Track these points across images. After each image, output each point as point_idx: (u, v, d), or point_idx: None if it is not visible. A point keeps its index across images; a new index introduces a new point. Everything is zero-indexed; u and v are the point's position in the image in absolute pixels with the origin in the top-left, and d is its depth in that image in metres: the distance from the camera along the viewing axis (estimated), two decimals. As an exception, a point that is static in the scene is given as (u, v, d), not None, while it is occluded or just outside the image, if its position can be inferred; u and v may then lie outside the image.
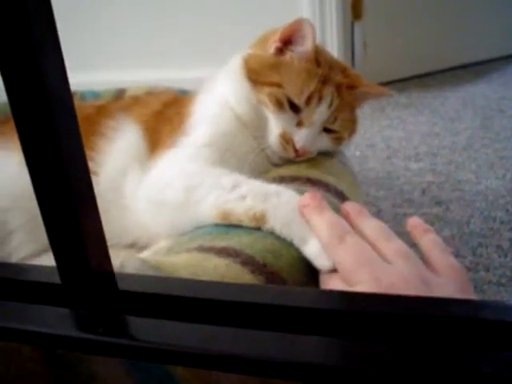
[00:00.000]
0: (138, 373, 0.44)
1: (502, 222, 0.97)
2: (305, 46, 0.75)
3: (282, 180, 0.73)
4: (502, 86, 1.86)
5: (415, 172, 1.22)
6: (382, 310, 0.33)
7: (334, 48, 1.76)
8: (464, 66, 2.12)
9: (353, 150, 1.35)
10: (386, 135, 1.47)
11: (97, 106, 0.93)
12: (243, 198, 0.63)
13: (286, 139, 0.74)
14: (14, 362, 0.41)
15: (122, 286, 0.36)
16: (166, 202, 0.70)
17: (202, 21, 1.86)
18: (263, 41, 0.81)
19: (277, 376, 0.31)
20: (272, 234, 0.59)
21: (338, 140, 0.80)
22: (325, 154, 0.82)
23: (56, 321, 0.34)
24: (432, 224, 0.98)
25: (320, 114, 0.74)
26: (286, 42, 0.77)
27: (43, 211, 0.32)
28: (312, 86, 0.74)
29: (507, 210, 1.01)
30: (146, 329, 0.34)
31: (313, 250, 0.55)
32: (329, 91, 0.74)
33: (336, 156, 0.84)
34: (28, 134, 0.31)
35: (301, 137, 0.74)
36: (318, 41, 0.79)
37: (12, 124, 0.93)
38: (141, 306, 0.35)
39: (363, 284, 0.45)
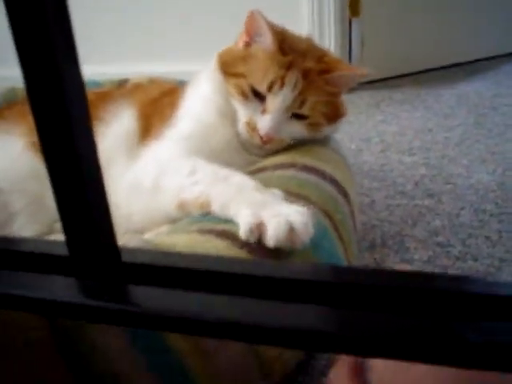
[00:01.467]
0: (138, 343, 0.46)
1: (491, 215, 1.00)
2: (264, 37, 0.78)
3: (277, 167, 0.75)
4: (495, 84, 1.88)
5: (408, 165, 1.24)
6: (374, 283, 0.35)
7: (331, 45, 1.79)
8: (459, 65, 2.15)
9: (348, 143, 1.38)
10: (381, 130, 1.49)
11: (98, 92, 0.96)
12: (195, 183, 0.66)
13: (251, 127, 0.77)
14: (20, 332, 0.43)
15: (126, 258, 0.37)
16: (140, 188, 0.73)
17: (203, 16, 1.88)
18: (238, 37, 0.84)
19: (272, 342, 0.33)
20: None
21: (314, 126, 0.81)
22: (318, 143, 0.84)
23: (63, 289, 0.36)
24: (423, 215, 1.01)
25: (283, 99, 0.76)
26: (251, 36, 0.80)
27: (54, 186, 0.34)
28: (273, 73, 0.76)
29: (497, 204, 1.04)
30: (145, 296, 0.35)
31: (240, 219, 0.56)
32: (293, 76, 0.76)
33: (330, 145, 0.86)
34: (41, 111, 0.32)
35: (264, 123, 0.76)
36: (316, 37, 0.82)
37: (15, 110, 0.95)
38: (143, 276, 0.37)
39: None
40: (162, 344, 0.47)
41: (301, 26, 1.73)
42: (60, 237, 0.82)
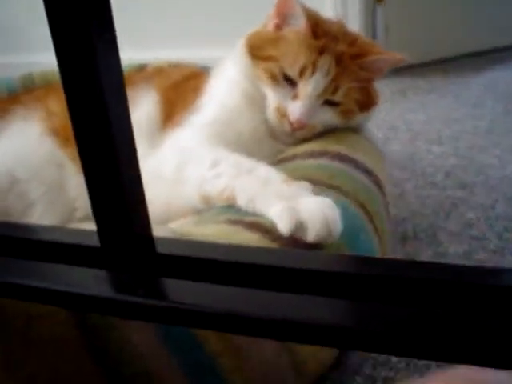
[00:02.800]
0: (171, 342, 0.43)
1: (527, 207, 0.95)
2: (298, 19, 0.75)
3: (309, 155, 0.71)
4: (524, 72, 1.83)
5: (438, 155, 1.20)
6: (390, 274, 0.32)
7: (355, 31, 1.74)
8: (485, 52, 2.09)
9: (375, 131, 1.33)
10: (408, 118, 1.45)
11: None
12: (219, 176, 0.63)
13: (281, 113, 0.74)
14: (46, 327, 0.41)
15: (161, 249, 0.35)
16: (162, 177, 0.70)
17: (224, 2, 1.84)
18: (267, 19, 0.80)
19: (308, 340, 0.31)
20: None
21: (346, 113, 0.78)
22: (351, 131, 0.81)
23: (95, 282, 0.33)
24: (456, 207, 0.97)
25: (315, 84, 0.73)
26: (283, 18, 0.76)
27: (87, 173, 0.32)
28: (305, 57, 0.72)
29: (533, 195, 0.99)
30: (182, 291, 0.33)
31: (274, 214, 0.54)
32: (325, 61, 0.73)
33: (362, 133, 0.83)
34: (76, 99, 0.29)
35: (295, 109, 0.73)
36: None
37: (33, 95, 0.92)
38: (178, 269, 0.34)
39: None
40: (195, 342, 0.44)
41: (324, 12, 1.68)
42: (80, 226, 0.80)
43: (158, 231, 0.55)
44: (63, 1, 0.27)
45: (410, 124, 1.41)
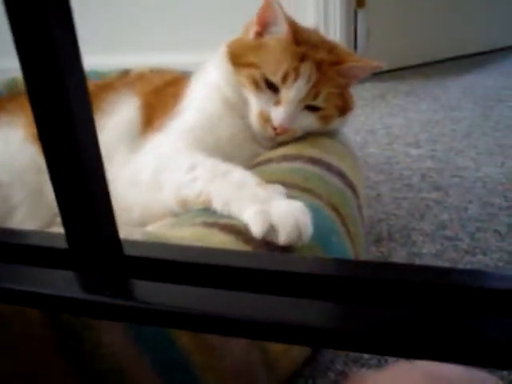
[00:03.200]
0: (142, 341, 0.45)
1: (500, 208, 0.98)
2: (280, 27, 0.77)
3: (284, 158, 0.73)
4: (502, 76, 1.86)
5: (415, 158, 1.22)
6: (388, 277, 0.34)
7: (336, 36, 1.77)
8: (465, 56, 2.13)
9: (353, 135, 1.36)
10: (387, 122, 1.48)
11: (99, 82, 0.94)
12: (194, 180, 0.65)
13: (264, 118, 0.76)
14: (18, 326, 0.42)
15: (128, 251, 0.36)
16: (140, 182, 0.72)
17: (205, 7, 1.85)
18: (247, 27, 0.82)
19: (276, 338, 0.32)
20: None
21: (326, 118, 0.80)
22: (325, 135, 0.82)
23: (63, 283, 0.35)
24: (431, 209, 0.99)
25: (297, 90, 0.75)
26: (263, 26, 0.78)
27: (52, 175, 0.33)
28: (287, 64, 0.74)
29: (506, 197, 1.02)
30: (150, 292, 0.34)
31: (247, 217, 0.55)
32: (307, 68, 0.75)
33: (337, 137, 0.85)
34: (39, 100, 0.31)
35: (278, 114, 0.75)
36: (321, 28, 0.80)
37: (16, 101, 0.93)
38: (145, 270, 0.36)
39: None
40: (167, 341, 0.46)
41: (306, 16, 1.71)
42: (61, 230, 0.81)
43: (133, 233, 0.57)
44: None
45: (389, 127, 1.43)
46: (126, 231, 0.51)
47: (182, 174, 0.67)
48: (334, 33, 1.76)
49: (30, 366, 0.43)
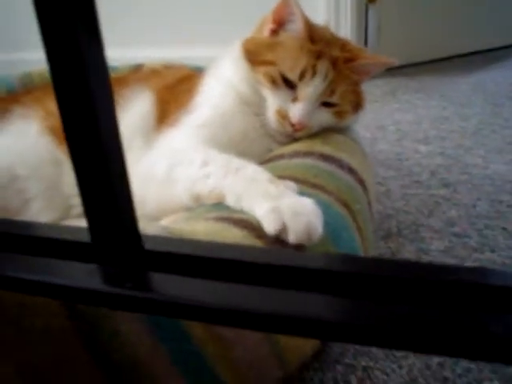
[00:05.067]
0: (160, 331, 0.46)
1: (508, 206, 0.99)
2: (296, 25, 0.78)
3: (295, 154, 0.74)
4: (512, 73, 1.86)
5: (424, 154, 1.23)
6: (394, 274, 0.35)
7: (347, 31, 1.77)
8: (475, 53, 2.12)
9: (363, 131, 1.36)
10: (397, 118, 1.48)
11: (114, 76, 0.95)
12: (208, 176, 0.66)
13: (282, 115, 0.77)
14: (39, 316, 0.44)
15: (148, 245, 0.37)
16: (154, 177, 0.73)
17: (218, 2, 1.86)
18: (261, 24, 0.83)
19: (289, 331, 0.33)
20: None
21: (341, 114, 0.81)
22: (337, 132, 0.83)
23: (85, 275, 0.36)
24: (439, 205, 1.00)
25: (315, 87, 0.76)
26: (279, 23, 0.79)
27: (77, 171, 0.34)
28: (305, 61, 0.75)
29: (514, 194, 1.02)
30: (168, 284, 0.35)
31: (260, 213, 0.56)
32: (323, 65, 0.76)
33: (348, 134, 0.86)
34: (65, 96, 0.32)
35: (296, 111, 0.76)
36: (332, 23, 0.81)
37: (31, 95, 0.95)
38: (164, 264, 0.37)
39: None
40: (181, 331, 0.47)
41: (317, 11, 1.71)
42: (76, 222, 0.82)
43: (149, 228, 0.58)
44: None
45: (399, 124, 1.44)
46: (141, 225, 0.52)
47: (195, 170, 0.68)
48: (345, 29, 1.76)
49: (47, 354, 0.44)
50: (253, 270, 0.36)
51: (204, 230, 0.58)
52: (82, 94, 0.32)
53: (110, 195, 0.34)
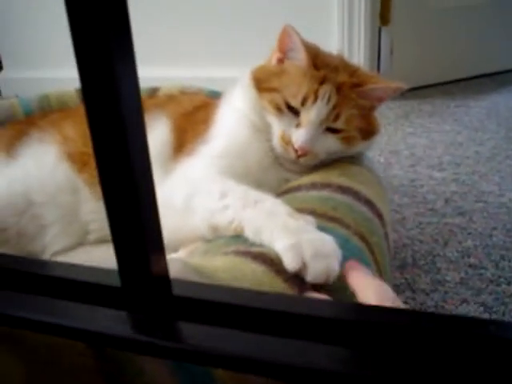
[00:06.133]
0: (182, 372, 0.46)
1: (524, 236, 0.98)
2: (298, 52, 0.78)
3: (313, 186, 0.74)
4: (526, 96, 1.86)
5: (439, 181, 1.23)
6: (401, 322, 0.35)
7: (360, 53, 1.77)
8: (488, 75, 2.12)
9: (377, 155, 1.36)
10: (410, 142, 1.48)
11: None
12: (226, 207, 0.66)
13: (285, 140, 0.77)
14: (66, 356, 0.44)
15: (177, 291, 0.38)
16: (170, 207, 0.73)
17: (234, 22, 1.88)
18: (271, 53, 0.84)
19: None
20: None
21: (348, 140, 0.80)
22: (352, 161, 0.83)
23: (114, 322, 0.36)
24: (455, 234, 1.00)
25: (317, 112, 0.76)
26: (283, 52, 0.80)
27: (110, 216, 0.34)
28: (306, 87, 0.76)
29: (530, 224, 1.02)
30: (196, 334, 0.36)
31: (280, 249, 0.56)
32: (326, 90, 0.76)
33: (361, 161, 0.86)
34: (98, 133, 0.32)
35: (298, 136, 0.76)
36: (345, 45, 0.81)
37: (49, 118, 0.95)
38: (193, 311, 0.37)
39: None
40: (204, 373, 0.47)
41: (331, 36, 1.72)
42: (91, 249, 0.82)
43: (171, 264, 0.58)
44: (85, 18, 0.29)
45: (412, 148, 1.44)
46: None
47: (213, 201, 0.68)
48: (358, 50, 1.77)
49: (73, 394, 0.44)
50: (284, 320, 0.36)
51: (223, 264, 0.58)
52: (115, 122, 0.32)
53: (140, 236, 0.35)
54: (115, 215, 0.35)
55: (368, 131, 0.83)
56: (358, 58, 1.78)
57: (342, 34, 1.75)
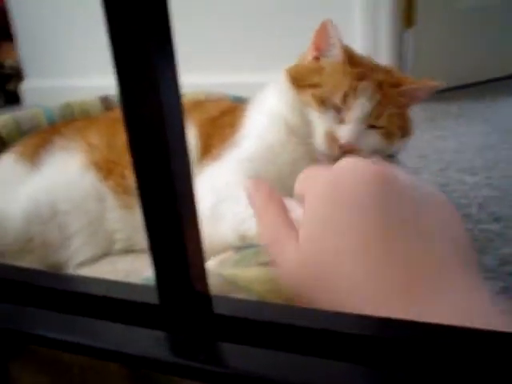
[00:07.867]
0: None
1: None
2: (334, 50, 0.77)
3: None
4: (556, 97, 1.80)
5: (471, 186, 1.18)
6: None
7: (384, 56, 1.74)
8: (515, 76, 2.07)
9: (405, 160, 1.33)
10: (438, 146, 1.44)
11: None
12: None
13: (330, 137, 0.75)
14: (98, 375, 0.41)
15: (218, 309, 0.35)
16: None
17: (257, 27, 1.86)
18: (305, 53, 0.83)
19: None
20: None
21: (389, 136, 0.79)
22: (389, 162, 0.81)
23: (152, 344, 0.34)
24: (492, 241, 0.95)
25: (360, 108, 0.74)
26: (319, 49, 0.79)
27: (149, 229, 0.32)
28: (346, 85, 0.74)
29: None
30: (241, 357, 0.33)
31: None
32: (366, 86, 0.75)
33: (400, 165, 0.84)
34: (139, 150, 0.30)
35: (344, 132, 0.74)
36: (369, 48, 0.80)
37: (72, 126, 0.94)
38: (235, 331, 0.34)
39: None
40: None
41: (355, 41, 1.69)
42: (116, 260, 0.80)
43: (210, 277, 0.56)
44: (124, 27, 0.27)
45: (441, 152, 1.40)
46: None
47: (241, 208, 0.66)
48: (383, 54, 1.73)
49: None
50: (339, 340, 0.33)
51: (257, 276, 0.55)
52: (157, 135, 0.29)
53: (181, 251, 0.32)
54: (154, 228, 0.32)
55: (405, 129, 0.82)
56: (382, 60, 1.74)
57: (366, 40, 1.72)
